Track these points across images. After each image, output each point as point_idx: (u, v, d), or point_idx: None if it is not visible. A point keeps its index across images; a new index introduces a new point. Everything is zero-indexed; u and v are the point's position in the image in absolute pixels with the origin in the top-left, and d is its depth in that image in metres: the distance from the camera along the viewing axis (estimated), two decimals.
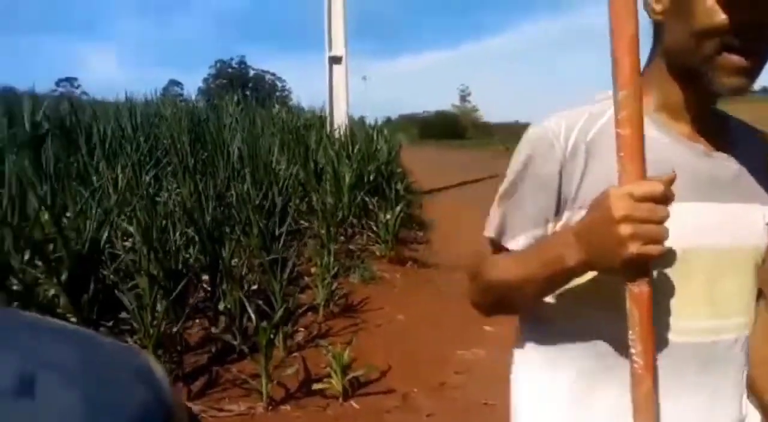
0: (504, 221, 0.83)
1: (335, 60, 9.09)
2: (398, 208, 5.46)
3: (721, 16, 0.69)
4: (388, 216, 5.37)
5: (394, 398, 2.99)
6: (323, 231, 5.06)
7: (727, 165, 0.79)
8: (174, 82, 41.59)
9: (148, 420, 1.09)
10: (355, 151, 6.52)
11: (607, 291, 0.72)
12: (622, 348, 0.72)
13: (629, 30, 0.68)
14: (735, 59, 0.70)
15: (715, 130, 0.80)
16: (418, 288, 4.80)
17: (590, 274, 0.73)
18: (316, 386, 2.98)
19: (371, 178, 6.13)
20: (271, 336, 2.89)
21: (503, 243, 0.82)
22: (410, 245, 5.74)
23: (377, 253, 5.41)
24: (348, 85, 9.17)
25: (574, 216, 0.76)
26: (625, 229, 0.63)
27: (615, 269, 0.66)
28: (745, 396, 0.84)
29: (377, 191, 6.04)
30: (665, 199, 0.64)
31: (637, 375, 0.69)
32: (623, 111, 0.68)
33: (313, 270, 4.40)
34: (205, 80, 44.69)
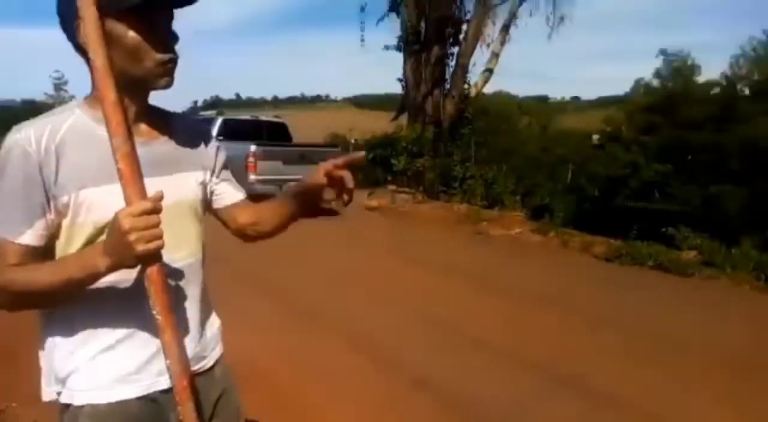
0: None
1: None
2: None
3: (151, 46, 1.04)
4: None
5: None
6: None
7: (162, 149, 1.15)
8: None
9: None
10: None
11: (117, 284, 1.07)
12: (135, 317, 1.08)
13: (111, 97, 0.95)
14: (167, 68, 1.07)
15: (156, 123, 1.15)
16: None
17: (113, 275, 1.00)
18: None
19: None
20: None
21: (12, 239, 1.02)
22: None
23: None
24: None
25: (57, 201, 1.03)
26: (131, 237, 0.92)
27: (134, 264, 0.97)
28: (209, 303, 1.27)
29: None
30: (155, 210, 0.94)
31: (161, 326, 0.98)
32: (118, 152, 0.94)
33: None
34: None
